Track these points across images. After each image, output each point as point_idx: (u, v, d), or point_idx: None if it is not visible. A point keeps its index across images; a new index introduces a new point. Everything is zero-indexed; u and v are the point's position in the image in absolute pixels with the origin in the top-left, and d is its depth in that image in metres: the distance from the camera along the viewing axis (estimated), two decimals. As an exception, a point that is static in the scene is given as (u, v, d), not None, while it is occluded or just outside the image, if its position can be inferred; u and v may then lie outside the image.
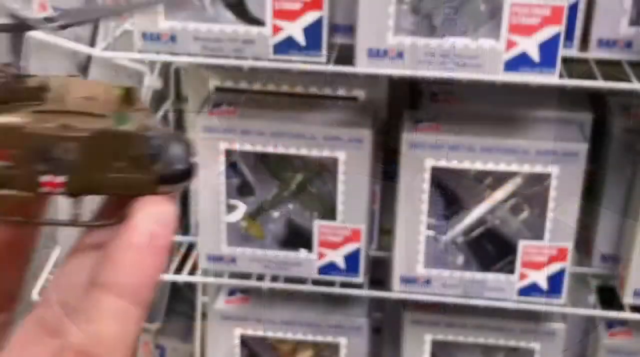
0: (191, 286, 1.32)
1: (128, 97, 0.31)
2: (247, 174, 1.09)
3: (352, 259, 1.07)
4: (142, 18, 0.97)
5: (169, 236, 0.30)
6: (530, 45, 0.92)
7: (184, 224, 1.26)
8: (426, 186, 1.02)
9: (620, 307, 1.09)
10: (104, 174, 0.30)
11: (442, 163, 1.01)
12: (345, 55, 0.97)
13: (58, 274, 0.32)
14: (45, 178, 0.30)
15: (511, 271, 1.05)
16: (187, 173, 0.32)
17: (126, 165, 0.30)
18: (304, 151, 1.03)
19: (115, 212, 0.31)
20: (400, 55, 0.94)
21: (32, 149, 0.29)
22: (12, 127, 0.29)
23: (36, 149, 0.29)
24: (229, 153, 1.05)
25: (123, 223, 0.30)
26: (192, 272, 1.20)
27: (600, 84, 0.95)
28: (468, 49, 0.93)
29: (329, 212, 1.06)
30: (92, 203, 0.33)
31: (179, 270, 1.21)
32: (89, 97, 0.31)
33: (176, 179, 0.32)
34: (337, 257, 1.07)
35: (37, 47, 1.23)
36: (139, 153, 0.30)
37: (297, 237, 1.08)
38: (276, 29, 0.95)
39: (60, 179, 0.30)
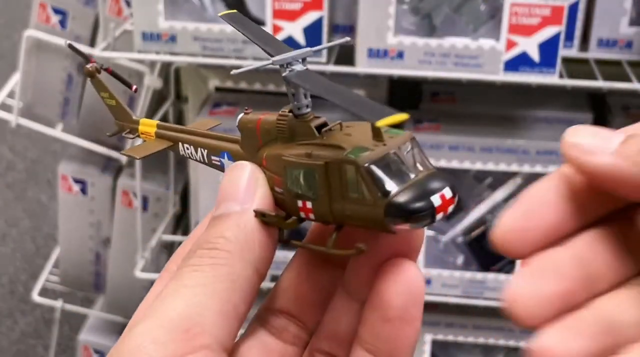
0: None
1: (376, 133, 0.32)
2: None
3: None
4: (142, 18, 0.97)
5: (420, 303, 0.32)
6: (530, 45, 0.92)
7: (183, 224, 1.27)
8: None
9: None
10: (342, 204, 0.31)
11: (442, 163, 1.01)
12: (346, 55, 0.97)
13: (326, 316, 0.35)
14: (299, 203, 0.32)
15: (511, 271, 1.05)
16: (419, 211, 0.29)
17: (359, 197, 0.30)
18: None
19: (353, 242, 0.31)
20: (400, 55, 0.94)
21: (287, 176, 0.32)
22: (276, 156, 0.32)
23: (289, 175, 0.32)
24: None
25: (361, 256, 0.31)
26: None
27: (600, 84, 0.95)
28: (468, 49, 0.93)
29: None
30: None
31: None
32: (349, 134, 0.32)
33: (404, 216, 0.29)
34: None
35: (37, 47, 1.23)
36: (367, 184, 0.30)
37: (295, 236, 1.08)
38: (276, 29, 0.95)
39: (309, 205, 0.32)
